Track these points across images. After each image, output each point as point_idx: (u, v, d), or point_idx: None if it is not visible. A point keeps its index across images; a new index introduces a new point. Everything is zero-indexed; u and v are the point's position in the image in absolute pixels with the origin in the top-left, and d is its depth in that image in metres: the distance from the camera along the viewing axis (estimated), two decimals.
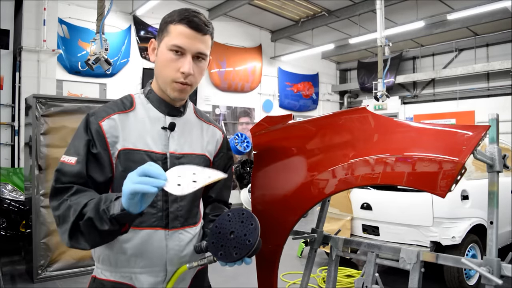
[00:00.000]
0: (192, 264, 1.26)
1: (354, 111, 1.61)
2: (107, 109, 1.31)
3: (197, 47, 1.26)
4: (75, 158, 1.23)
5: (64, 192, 1.19)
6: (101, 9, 4.83)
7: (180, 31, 1.24)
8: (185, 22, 1.24)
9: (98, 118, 1.27)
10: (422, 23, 9.15)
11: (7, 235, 5.22)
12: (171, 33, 1.25)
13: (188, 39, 1.25)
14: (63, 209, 1.15)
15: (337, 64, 13.96)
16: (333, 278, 1.88)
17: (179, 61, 1.25)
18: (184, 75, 1.26)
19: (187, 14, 1.26)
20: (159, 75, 1.31)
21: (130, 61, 8.99)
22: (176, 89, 1.28)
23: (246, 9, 10.07)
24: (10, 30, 6.83)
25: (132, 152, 1.27)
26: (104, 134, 1.26)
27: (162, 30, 1.29)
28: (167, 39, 1.26)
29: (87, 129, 1.26)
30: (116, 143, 1.27)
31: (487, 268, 1.37)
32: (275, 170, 1.69)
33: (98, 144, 1.25)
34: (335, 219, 4.96)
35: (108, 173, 1.26)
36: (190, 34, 1.25)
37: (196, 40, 1.26)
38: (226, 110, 10.77)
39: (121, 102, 1.35)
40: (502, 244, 4.77)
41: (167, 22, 1.28)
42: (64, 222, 1.15)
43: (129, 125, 1.29)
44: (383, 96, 8.41)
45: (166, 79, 1.28)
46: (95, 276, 1.33)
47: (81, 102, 4.93)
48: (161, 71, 1.29)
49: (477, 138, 1.31)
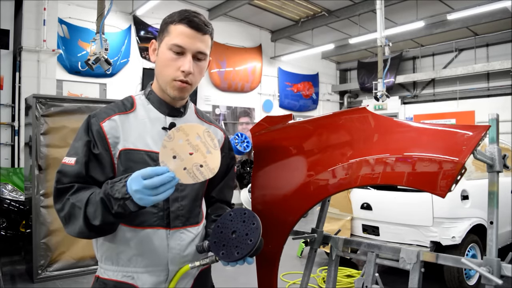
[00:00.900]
0: (194, 264, 1.27)
1: (354, 111, 1.61)
2: (108, 111, 1.32)
3: (197, 46, 1.27)
4: (74, 158, 1.24)
5: (65, 192, 1.21)
6: (101, 9, 4.83)
7: (181, 30, 1.26)
8: (185, 22, 1.26)
9: (99, 120, 1.28)
10: (422, 23, 9.15)
11: (7, 235, 5.22)
12: (172, 33, 1.27)
13: (188, 39, 1.26)
14: (67, 208, 1.18)
15: (337, 64, 13.96)
16: (333, 278, 1.88)
17: (180, 60, 1.27)
18: (184, 74, 1.27)
19: (187, 14, 1.27)
20: (159, 75, 1.32)
21: (130, 61, 8.99)
22: (176, 87, 1.29)
23: (246, 9, 10.07)
24: (10, 30, 6.83)
25: (133, 152, 1.27)
26: (105, 135, 1.27)
27: (163, 30, 1.31)
28: (168, 39, 1.28)
29: (88, 130, 1.28)
30: (117, 144, 1.28)
31: (487, 268, 1.37)
32: (275, 170, 1.69)
33: (100, 145, 1.26)
34: (335, 219, 4.96)
35: (109, 173, 1.27)
36: (190, 33, 1.26)
37: (196, 39, 1.27)
38: (226, 110, 10.77)
39: (122, 103, 1.36)
40: (502, 244, 4.76)
41: (167, 22, 1.30)
42: (72, 220, 1.18)
43: (129, 125, 1.30)
44: (383, 96, 8.41)
45: (166, 78, 1.29)
46: (98, 276, 1.34)
47: (81, 102, 4.93)
48: (162, 70, 1.30)
49: (477, 138, 1.31)
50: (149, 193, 1.04)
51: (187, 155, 1.12)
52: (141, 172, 1.06)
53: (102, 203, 1.11)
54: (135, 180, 1.06)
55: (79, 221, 1.16)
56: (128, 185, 1.07)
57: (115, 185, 1.11)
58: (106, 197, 1.11)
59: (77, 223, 1.17)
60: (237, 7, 9.44)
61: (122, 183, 1.09)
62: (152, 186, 1.04)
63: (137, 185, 1.05)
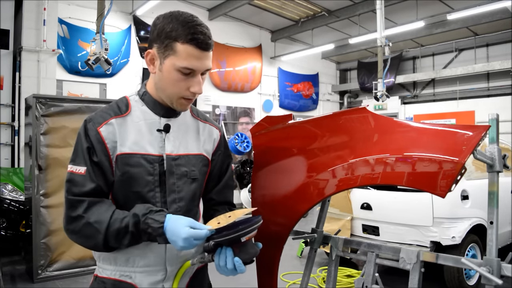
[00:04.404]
0: (194, 261, 1.28)
1: (354, 111, 1.61)
2: (104, 114, 1.31)
3: (205, 65, 1.26)
4: (84, 168, 1.25)
5: (78, 205, 1.22)
6: (101, 9, 4.83)
7: (189, 52, 1.21)
8: (194, 44, 1.21)
9: (96, 125, 1.28)
10: (422, 23, 9.15)
11: (7, 235, 5.22)
12: (179, 53, 1.21)
13: (198, 60, 1.23)
14: (81, 226, 1.22)
15: (337, 64, 13.96)
16: (333, 278, 1.88)
17: (188, 81, 1.25)
18: (194, 94, 1.28)
19: (194, 31, 1.21)
20: (163, 90, 1.30)
21: (130, 61, 8.99)
22: (183, 104, 1.31)
23: (246, 9, 10.06)
24: (10, 30, 6.83)
25: (129, 156, 1.27)
26: (103, 141, 1.27)
27: (166, 45, 1.23)
28: (174, 59, 1.22)
29: (87, 136, 1.27)
30: (115, 148, 1.28)
31: (487, 268, 1.37)
32: (275, 170, 1.69)
33: (99, 151, 1.26)
34: (335, 219, 4.96)
35: (111, 178, 1.28)
36: (199, 55, 1.23)
37: (205, 59, 1.25)
38: (226, 110, 10.77)
39: (117, 105, 1.35)
40: (502, 244, 4.76)
41: (171, 38, 1.21)
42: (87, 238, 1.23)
43: (125, 129, 1.30)
44: (383, 96, 8.41)
45: (172, 95, 1.29)
46: (97, 275, 1.34)
47: (81, 102, 4.93)
48: (168, 88, 1.28)
49: (477, 138, 1.31)
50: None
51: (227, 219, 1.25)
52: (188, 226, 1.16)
53: (132, 235, 1.19)
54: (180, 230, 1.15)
55: (97, 241, 1.21)
56: (169, 230, 1.16)
57: (147, 220, 1.18)
58: (136, 230, 1.19)
59: (92, 241, 1.23)
60: (237, 7, 9.44)
61: (157, 223, 1.17)
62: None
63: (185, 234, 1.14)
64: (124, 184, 1.27)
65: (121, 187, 1.28)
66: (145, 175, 1.28)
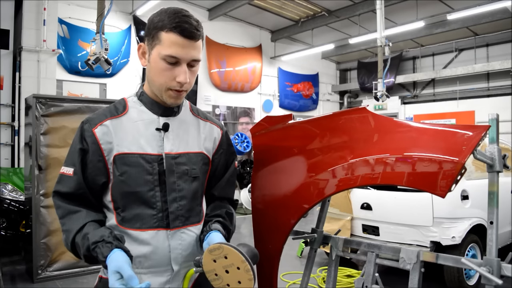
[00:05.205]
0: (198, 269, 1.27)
1: (354, 111, 1.61)
2: (100, 116, 1.32)
3: (191, 55, 1.25)
4: (72, 169, 1.28)
5: (58, 210, 1.30)
6: (101, 9, 4.82)
7: (173, 40, 1.21)
8: (177, 31, 1.20)
9: (91, 126, 1.29)
10: (422, 23, 9.15)
11: (7, 235, 5.22)
12: (163, 41, 1.22)
13: (182, 48, 1.22)
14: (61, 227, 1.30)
15: (337, 64, 13.96)
16: (333, 278, 1.88)
17: (174, 70, 1.24)
18: (180, 84, 1.26)
19: (178, 20, 1.21)
20: (152, 82, 1.31)
21: (130, 61, 8.98)
22: (172, 96, 1.29)
23: (246, 9, 10.06)
24: (10, 30, 6.83)
25: (127, 156, 1.28)
26: (98, 142, 1.27)
27: (153, 36, 1.25)
28: (160, 48, 1.23)
29: (82, 137, 1.29)
30: (112, 149, 1.28)
31: (487, 268, 1.37)
32: (275, 170, 1.69)
33: (93, 152, 1.27)
34: (335, 219, 4.96)
35: (104, 179, 1.29)
36: (183, 43, 1.22)
37: (190, 48, 1.24)
38: (226, 110, 10.77)
39: (114, 107, 1.36)
40: (502, 244, 4.76)
41: (157, 28, 1.23)
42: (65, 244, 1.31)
43: (122, 129, 1.30)
44: (383, 96, 8.41)
45: (160, 87, 1.28)
46: (101, 276, 1.34)
47: (81, 102, 4.92)
48: (155, 79, 1.28)
49: (477, 138, 1.31)
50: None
51: (224, 273, 1.20)
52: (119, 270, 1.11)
53: (85, 257, 1.22)
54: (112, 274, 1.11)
55: (68, 248, 1.28)
56: (109, 263, 1.13)
57: (96, 248, 1.17)
58: (89, 255, 1.20)
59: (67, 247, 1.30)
60: (237, 7, 9.43)
61: (101, 255, 1.16)
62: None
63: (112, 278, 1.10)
64: (123, 184, 1.27)
65: (120, 187, 1.28)
66: (144, 174, 1.28)
